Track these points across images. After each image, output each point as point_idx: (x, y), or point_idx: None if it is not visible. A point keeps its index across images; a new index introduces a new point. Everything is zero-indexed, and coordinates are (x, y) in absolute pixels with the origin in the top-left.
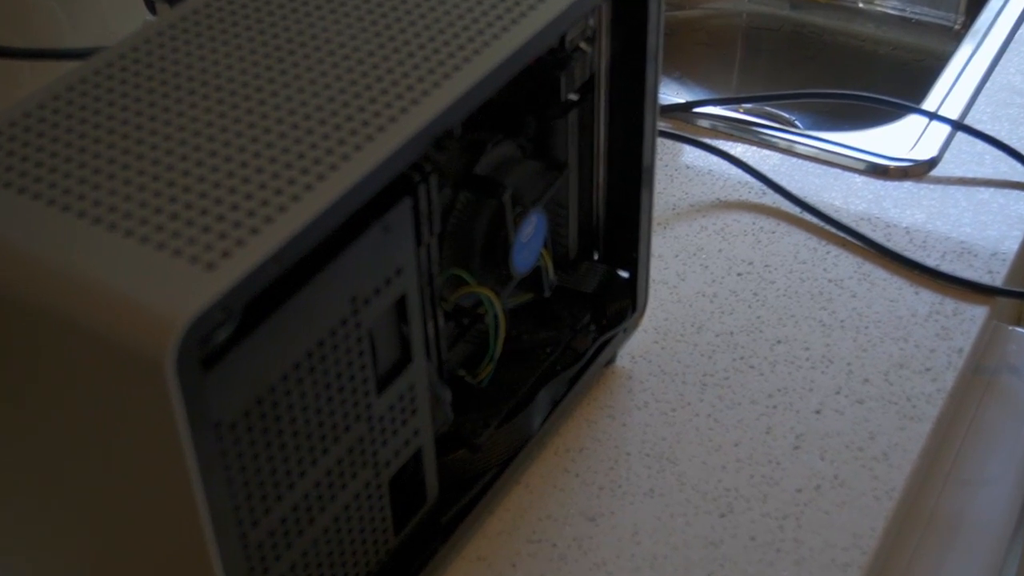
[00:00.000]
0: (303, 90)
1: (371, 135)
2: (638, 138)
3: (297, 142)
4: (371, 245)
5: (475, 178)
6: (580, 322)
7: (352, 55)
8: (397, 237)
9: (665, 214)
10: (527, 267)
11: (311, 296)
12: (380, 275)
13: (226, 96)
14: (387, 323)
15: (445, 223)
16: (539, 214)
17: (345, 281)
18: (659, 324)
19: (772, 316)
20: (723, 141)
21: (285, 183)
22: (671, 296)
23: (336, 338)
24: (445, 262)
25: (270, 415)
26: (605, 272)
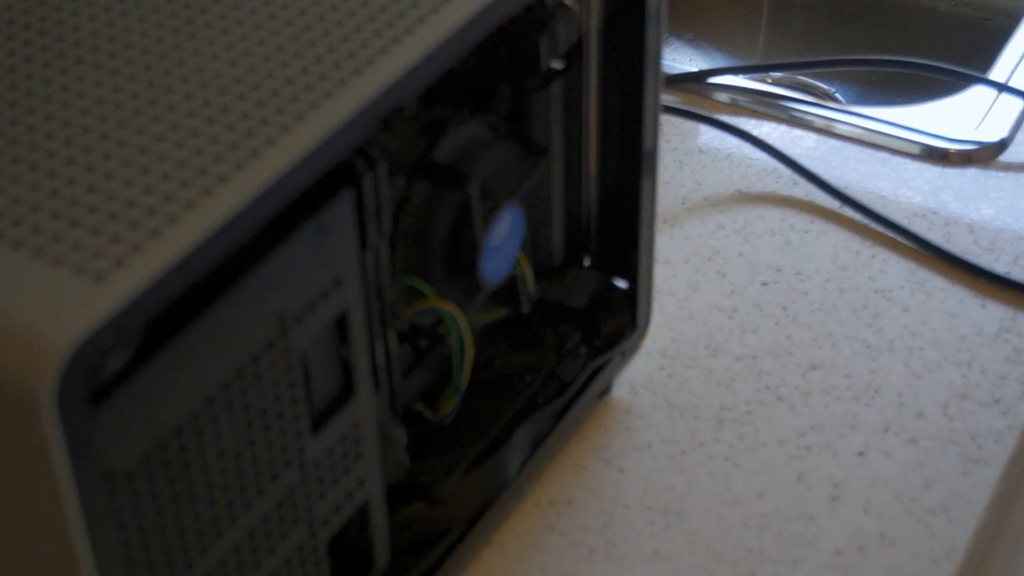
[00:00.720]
0: (216, 58)
1: (301, 113)
2: (637, 115)
3: (209, 122)
4: (303, 250)
5: (434, 166)
6: (567, 344)
7: (279, 14)
8: (336, 239)
9: (673, 209)
10: (500, 276)
11: (227, 314)
12: (315, 287)
13: (121, 66)
14: (324, 346)
15: (397, 222)
16: (515, 210)
17: (270, 295)
18: (665, 346)
19: (805, 335)
20: (745, 119)
21: (193, 174)
22: (680, 311)
23: (259, 366)
24: (397, 270)
25: (176, 462)
26: (598, 282)
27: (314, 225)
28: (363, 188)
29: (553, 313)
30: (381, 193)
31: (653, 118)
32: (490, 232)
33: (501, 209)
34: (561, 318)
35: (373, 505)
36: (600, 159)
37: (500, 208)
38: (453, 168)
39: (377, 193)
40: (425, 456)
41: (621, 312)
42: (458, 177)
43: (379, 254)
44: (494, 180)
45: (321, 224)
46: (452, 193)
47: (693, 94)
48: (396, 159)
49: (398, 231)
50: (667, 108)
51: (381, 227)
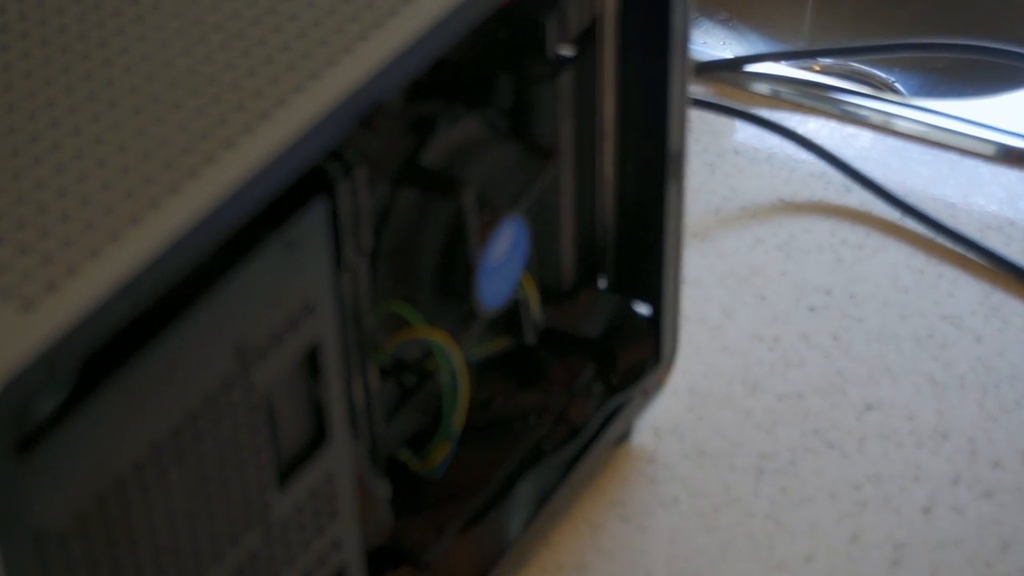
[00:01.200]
0: (166, 46)
1: (265, 111)
2: (661, 110)
3: (157, 122)
4: (267, 271)
5: (422, 171)
6: (579, 380)
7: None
8: (306, 258)
9: (704, 221)
10: (500, 301)
11: (178, 347)
12: (281, 315)
13: (54, 55)
14: (293, 385)
15: (379, 237)
16: (517, 223)
17: (228, 324)
18: (695, 382)
19: (860, 370)
20: (789, 114)
21: (138, 182)
22: (712, 341)
23: (216, 408)
24: (379, 294)
25: (118, 521)
26: (615, 307)
27: (280, 241)
28: (338, 197)
29: (563, 344)
30: (360, 203)
31: (680, 114)
32: (488, 249)
33: (501, 221)
34: (572, 350)
35: (351, 572)
36: (618, 162)
37: (500, 220)
38: (445, 173)
39: (355, 203)
40: (412, 514)
41: (643, 343)
42: (450, 184)
43: (357, 275)
44: (493, 187)
45: (289, 240)
46: (443, 202)
47: (727, 85)
48: (377, 163)
49: (380, 248)
50: (696, 102)
51: (360, 243)
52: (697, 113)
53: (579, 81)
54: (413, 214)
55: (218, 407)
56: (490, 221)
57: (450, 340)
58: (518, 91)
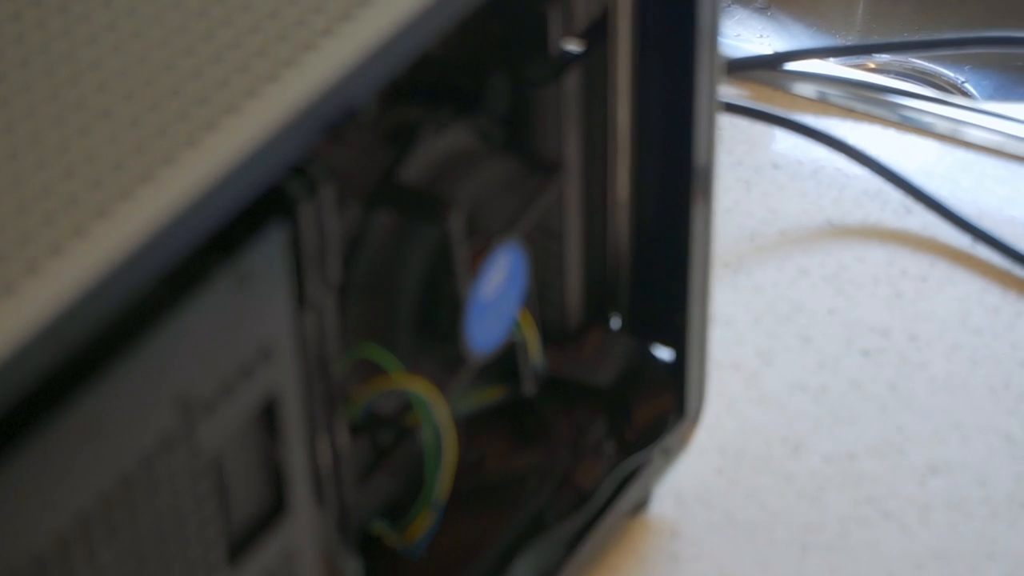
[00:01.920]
0: (94, 42)
1: (213, 120)
2: (686, 117)
3: (83, 133)
4: (215, 309)
5: (401, 189)
6: (587, 438)
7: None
8: (262, 294)
9: (737, 248)
10: (494, 343)
11: (109, 401)
12: (232, 361)
13: None
14: (246, 444)
15: (349, 268)
16: (514, 251)
17: (170, 373)
18: (726, 441)
19: (923, 426)
20: (839, 120)
21: (61, 204)
22: (747, 392)
23: (154, 473)
24: (350, 336)
25: None
26: (631, 351)
27: (231, 274)
28: (300, 221)
29: (568, 395)
30: (326, 228)
31: (708, 121)
32: (479, 282)
33: (495, 249)
34: (579, 402)
35: None
36: (634, 179)
37: (493, 248)
38: (428, 192)
39: (320, 228)
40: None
41: (663, 393)
42: (435, 204)
43: (323, 314)
44: (485, 209)
45: (241, 273)
46: (426, 227)
47: (765, 86)
48: (348, 180)
49: (351, 281)
50: (728, 106)
51: (326, 276)
52: (729, 120)
53: (588, 83)
54: (390, 241)
55: (157, 471)
56: (481, 249)
57: (434, 390)
58: (515, 95)
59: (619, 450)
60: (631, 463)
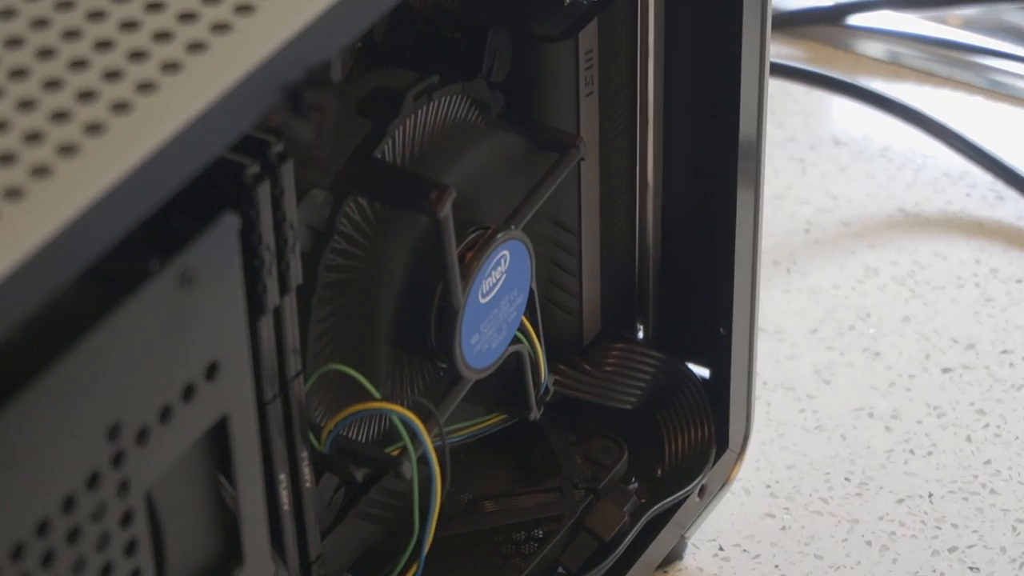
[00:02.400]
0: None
1: (149, 80)
2: (729, 83)
3: None
4: (152, 317)
5: (380, 170)
6: (607, 474)
7: None
8: (209, 298)
9: (789, 242)
10: (493, 357)
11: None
12: (172, 379)
13: None
14: (189, 480)
15: (315, 267)
16: (518, 246)
17: (97, 393)
18: (777, 477)
19: (1017, 461)
20: (914, 86)
21: None
22: (802, 417)
23: (75, 515)
24: (319, 349)
25: None
26: (659, 367)
27: (171, 275)
28: (255, 209)
29: (583, 421)
30: (286, 217)
31: (755, 87)
32: (475, 283)
33: (495, 244)
34: (597, 429)
35: None
36: (664, 159)
37: (493, 243)
38: (412, 174)
39: (279, 218)
40: None
41: (699, 420)
42: (421, 189)
43: (283, 322)
44: (482, 194)
45: (183, 272)
46: (411, 217)
47: (825, 44)
48: (314, 159)
49: (316, 283)
50: (780, 69)
51: (286, 276)
52: (781, 85)
53: (607, 40)
54: (367, 233)
55: (78, 514)
56: (479, 244)
57: (420, 415)
58: (519, 55)
59: (646, 489)
60: (660, 506)
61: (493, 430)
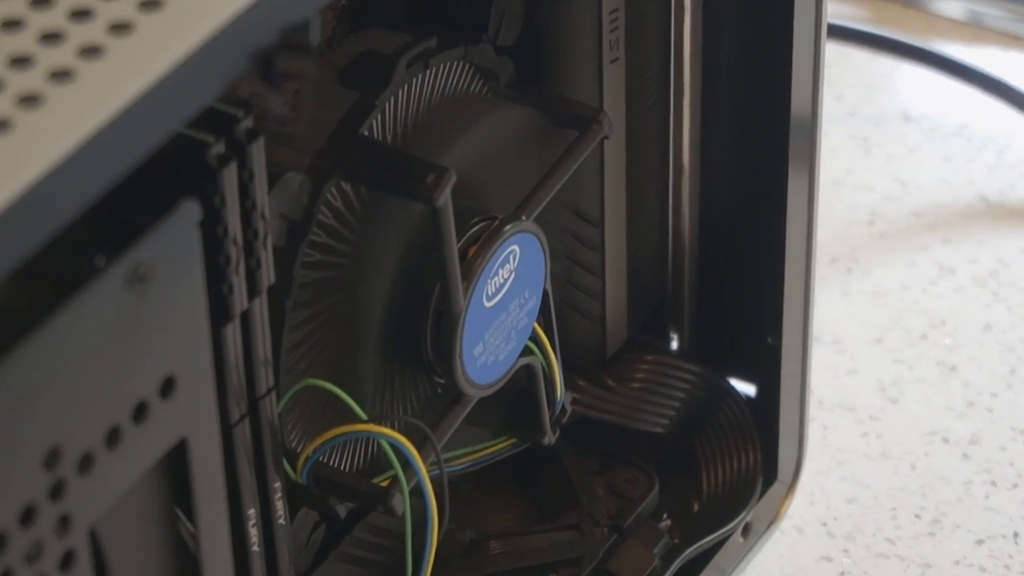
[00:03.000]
0: None
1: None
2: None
3: None
4: (97, 323)
5: (368, 152)
6: (633, 508)
7: None
8: (165, 301)
9: (850, 236)
10: (500, 371)
11: None
12: (121, 398)
13: None
14: (141, 515)
15: (289, 263)
16: (530, 240)
17: (30, 414)
18: (834, 514)
19: None
20: (998, 51)
21: None
22: (865, 443)
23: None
24: (295, 362)
25: None
26: (696, 383)
27: (118, 272)
28: (220, 195)
29: (606, 446)
30: (256, 205)
31: (810, 53)
32: (479, 283)
33: (502, 238)
34: (622, 456)
35: None
36: (702, 136)
37: (500, 236)
38: (407, 155)
39: (248, 206)
40: None
41: (744, 445)
42: (416, 172)
43: (252, 329)
44: (488, 179)
45: (133, 270)
46: (402, 205)
47: (894, 2)
48: (290, 139)
49: (292, 283)
50: (840, 31)
51: (256, 275)
52: (840, 51)
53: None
54: (352, 225)
55: (12, 554)
56: (483, 237)
57: (414, 439)
58: (532, 14)
59: (680, 527)
60: (698, 546)
61: (500, 457)
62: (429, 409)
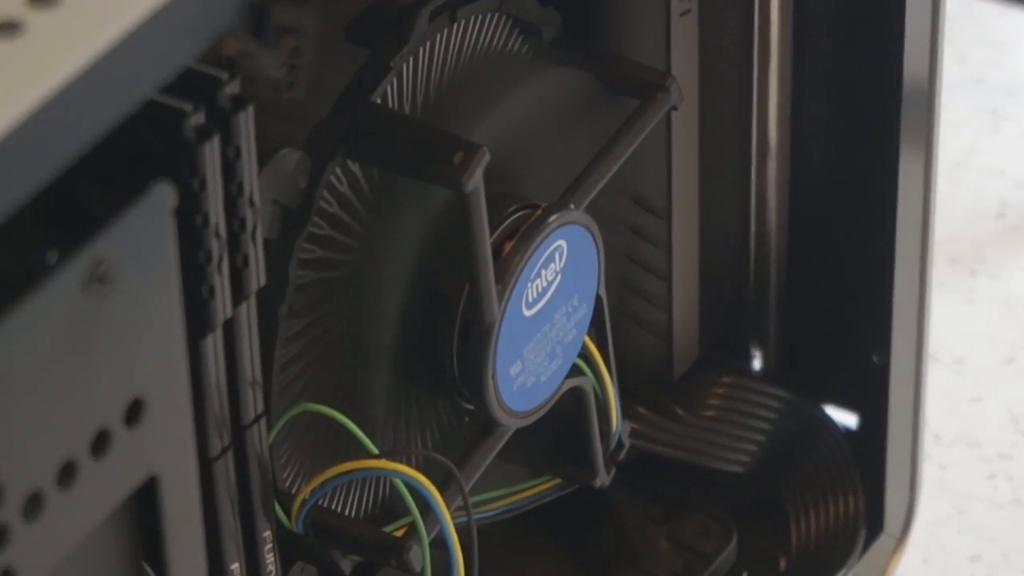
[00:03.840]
0: None
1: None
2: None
3: None
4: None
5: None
6: (705, 565)
7: None
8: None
9: (975, 230)
10: (541, 397)
11: None
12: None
13: None
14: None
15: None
16: (580, 233)
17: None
18: (955, 573)
19: None
20: None
21: None
22: (992, 485)
23: None
24: (289, 381)
25: None
26: (784, 412)
27: (74, 271)
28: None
29: (672, 489)
30: (243, 189)
31: (927, 6)
32: (517, 287)
33: (546, 231)
34: (692, 501)
35: None
36: (793, 108)
37: (543, 229)
38: (427, 127)
39: (234, 190)
40: None
41: (842, 488)
42: (439, 149)
43: (238, 341)
44: (528, 158)
45: (92, 268)
46: (423, 190)
47: None
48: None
49: (287, 285)
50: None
51: (243, 275)
52: (965, 6)
53: None
54: (359, 214)
55: None
56: (522, 231)
57: (436, 477)
58: None
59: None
60: None
61: (541, 501)
62: (455, 442)
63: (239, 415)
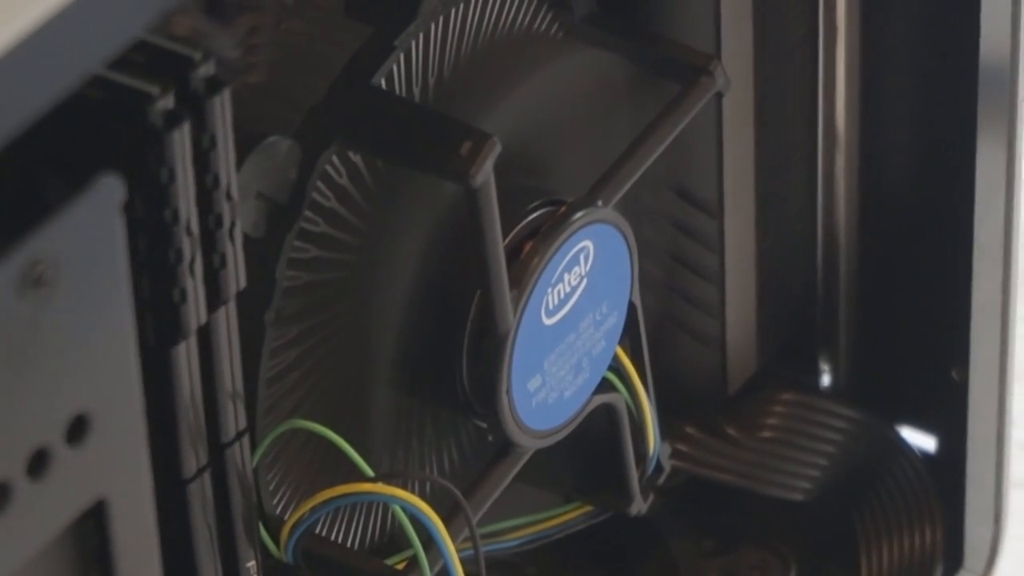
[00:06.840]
0: None
1: None
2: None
3: None
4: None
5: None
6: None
7: None
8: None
9: None
10: (566, 415)
11: None
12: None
13: None
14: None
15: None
16: (610, 233)
17: None
18: None
19: None
20: None
21: None
22: None
23: None
24: (277, 396)
25: None
26: (854, 434)
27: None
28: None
29: (725, 518)
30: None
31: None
32: (536, 292)
33: (569, 230)
34: (747, 532)
35: None
36: (864, 93)
37: (566, 227)
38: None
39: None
40: None
41: (918, 518)
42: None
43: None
44: (552, 148)
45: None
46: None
47: None
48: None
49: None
50: None
51: (220, 277)
52: None
53: None
54: (359, 209)
55: None
56: (543, 229)
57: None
58: None
59: None
60: None
61: (570, 530)
62: (467, 464)
63: (218, 432)
